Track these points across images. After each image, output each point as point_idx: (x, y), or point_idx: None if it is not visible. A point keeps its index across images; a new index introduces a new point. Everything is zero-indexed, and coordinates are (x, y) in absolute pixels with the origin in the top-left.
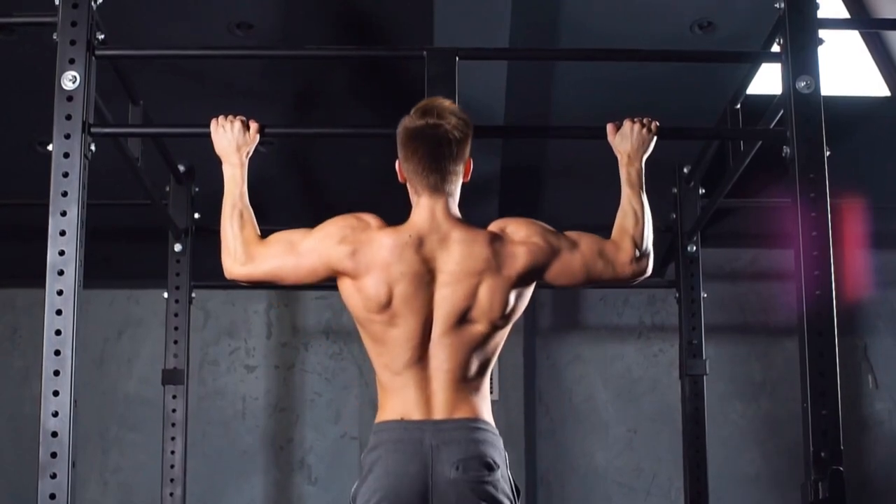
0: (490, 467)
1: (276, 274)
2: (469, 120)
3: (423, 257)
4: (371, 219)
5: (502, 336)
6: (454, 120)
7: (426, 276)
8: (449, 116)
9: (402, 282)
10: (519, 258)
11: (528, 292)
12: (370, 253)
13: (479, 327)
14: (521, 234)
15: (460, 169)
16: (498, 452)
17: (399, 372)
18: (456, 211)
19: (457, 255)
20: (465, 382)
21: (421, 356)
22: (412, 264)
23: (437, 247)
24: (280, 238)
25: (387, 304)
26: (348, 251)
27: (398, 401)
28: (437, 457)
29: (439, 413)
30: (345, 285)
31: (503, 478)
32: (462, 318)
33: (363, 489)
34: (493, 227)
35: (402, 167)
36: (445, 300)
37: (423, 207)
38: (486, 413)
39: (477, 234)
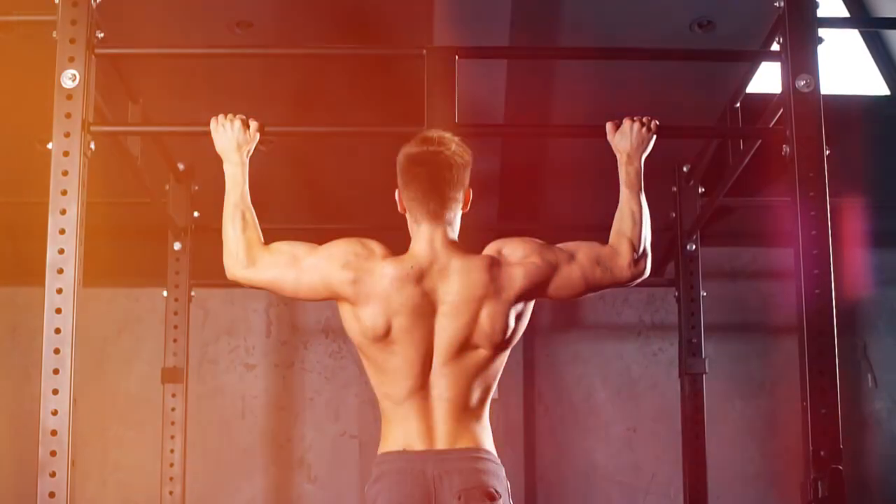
0: (492, 497)
1: (276, 284)
2: (469, 150)
3: (424, 290)
4: (376, 246)
5: (502, 361)
6: (454, 146)
7: (426, 308)
8: (449, 143)
9: (401, 314)
10: (517, 280)
11: (529, 311)
12: (371, 283)
13: (481, 352)
14: (517, 255)
15: (460, 196)
16: (500, 482)
17: (400, 402)
18: (455, 240)
19: (456, 285)
20: (466, 412)
21: (422, 385)
22: (412, 297)
23: (437, 278)
24: (284, 249)
25: (384, 335)
26: (350, 278)
27: (400, 431)
28: (439, 487)
29: (441, 443)
30: (344, 309)
31: None
32: (463, 347)
33: None
34: (490, 250)
35: (401, 195)
36: (445, 330)
37: (422, 237)
38: (488, 442)
39: (474, 262)
